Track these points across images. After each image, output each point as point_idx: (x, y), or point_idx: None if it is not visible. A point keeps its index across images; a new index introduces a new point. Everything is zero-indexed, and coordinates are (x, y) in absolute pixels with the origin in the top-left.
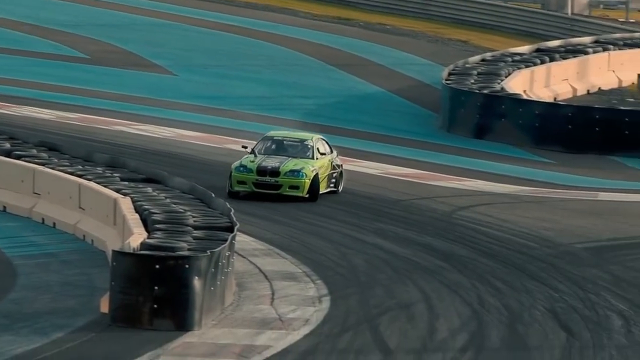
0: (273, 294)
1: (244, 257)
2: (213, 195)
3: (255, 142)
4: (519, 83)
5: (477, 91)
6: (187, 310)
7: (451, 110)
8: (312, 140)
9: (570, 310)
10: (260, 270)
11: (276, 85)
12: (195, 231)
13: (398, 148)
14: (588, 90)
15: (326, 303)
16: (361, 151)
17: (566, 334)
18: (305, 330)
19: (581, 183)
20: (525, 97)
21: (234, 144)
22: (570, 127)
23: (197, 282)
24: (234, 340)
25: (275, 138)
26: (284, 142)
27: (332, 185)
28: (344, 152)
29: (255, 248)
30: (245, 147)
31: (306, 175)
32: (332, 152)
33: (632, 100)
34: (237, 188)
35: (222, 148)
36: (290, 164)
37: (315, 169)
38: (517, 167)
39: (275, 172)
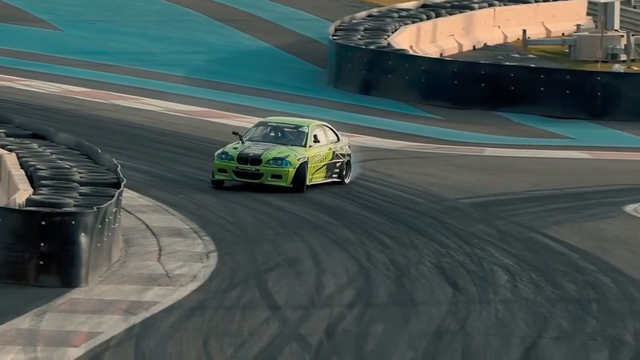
0: (160, 250)
1: (131, 214)
2: (99, 151)
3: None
4: (405, 39)
5: (364, 47)
6: (73, 266)
7: (338, 66)
8: (308, 126)
9: (456, 266)
10: (148, 227)
11: (163, 41)
12: (81, 187)
13: (285, 104)
14: (474, 46)
15: (214, 259)
16: (249, 107)
17: (452, 289)
18: (193, 286)
19: (467, 139)
20: (411, 52)
21: (120, 100)
22: (456, 82)
23: (83, 239)
24: (120, 297)
25: (269, 124)
26: (278, 128)
27: (334, 175)
28: (232, 108)
29: (143, 204)
30: (237, 134)
31: (290, 163)
32: (338, 139)
33: (517, 56)
34: (218, 177)
35: (109, 104)
36: (275, 151)
37: (303, 157)
38: (404, 123)
39: (256, 160)
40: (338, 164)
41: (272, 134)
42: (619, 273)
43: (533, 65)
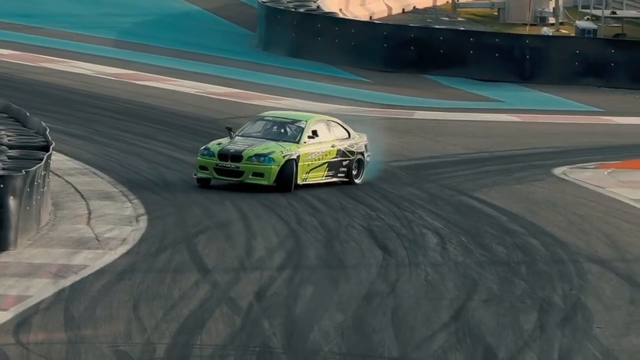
0: (90, 213)
1: (60, 177)
2: (28, 114)
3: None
4: (334, 2)
5: (293, 10)
6: (1, 230)
7: (267, 29)
8: (306, 121)
9: (386, 229)
10: (77, 190)
11: (92, 3)
12: (10, 150)
13: (216, 67)
14: (403, 9)
15: (143, 222)
16: (179, 70)
17: (382, 252)
18: (123, 249)
19: (397, 102)
20: (341, 15)
21: (49, 62)
22: (386, 45)
23: (12, 202)
24: (50, 260)
25: (265, 118)
26: (274, 122)
27: (340, 175)
28: (161, 71)
29: (72, 167)
30: (230, 129)
31: (274, 160)
32: (349, 136)
33: (446, 19)
34: (199, 174)
35: (38, 67)
36: (260, 147)
37: (290, 154)
38: (334, 86)
39: (237, 157)
40: (345, 163)
41: (267, 129)
42: (548, 236)
43: (462, 29)
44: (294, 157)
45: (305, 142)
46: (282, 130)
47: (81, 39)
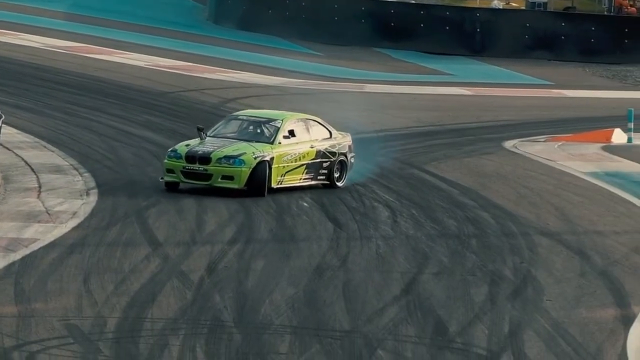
0: (40, 187)
1: (10, 150)
2: None
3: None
4: None
5: None
6: None
7: (218, 1)
8: (282, 120)
9: (337, 202)
10: (27, 163)
11: None
12: None
13: (166, 40)
14: None
15: (94, 196)
16: (129, 43)
17: (333, 225)
18: (73, 223)
19: (348, 75)
20: None
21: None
22: (336, 19)
23: None
24: (0, 234)
25: (239, 117)
26: (248, 122)
27: (321, 177)
28: (113, 44)
29: (22, 141)
30: (201, 129)
31: (245, 162)
32: (330, 136)
33: None
34: (166, 178)
35: None
36: (230, 148)
37: (263, 156)
38: (284, 59)
39: (205, 159)
40: (326, 164)
41: (242, 129)
42: (499, 209)
43: (413, 2)
44: (267, 158)
45: (280, 143)
46: (258, 130)
47: (31, 12)
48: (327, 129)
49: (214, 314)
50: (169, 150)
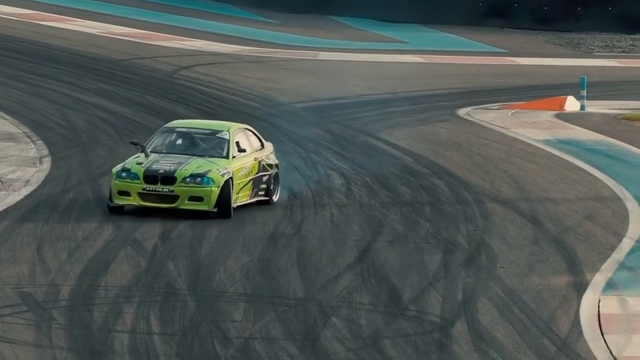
0: None
1: None
2: None
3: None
4: None
5: None
6: None
7: None
8: (228, 131)
9: (291, 170)
10: None
11: None
12: None
13: (119, 7)
14: None
15: (47, 164)
16: (82, 10)
17: (287, 193)
18: (26, 191)
19: (302, 43)
20: None
21: None
22: None
23: None
24: None
25: (177, 129)
26: (189, 135)
27: (261, 192)
28: (65, 11)
29: None
30: (136, 144)
31: (213, 181)
32: (262, 146)
33: None
34: (118, 201)
35: None
36: (192, 165)
37: (227, 172)
38: (238, 27)
39: (169, 178)
40: (265, 178)
41: (183, 143)
42: (452, 176)
43: None
44: (231, 175)
45: (234, 157)
46: (202, 144)
47: None
48: (258, 138)
49: (168, 282)
50: (118, 170)
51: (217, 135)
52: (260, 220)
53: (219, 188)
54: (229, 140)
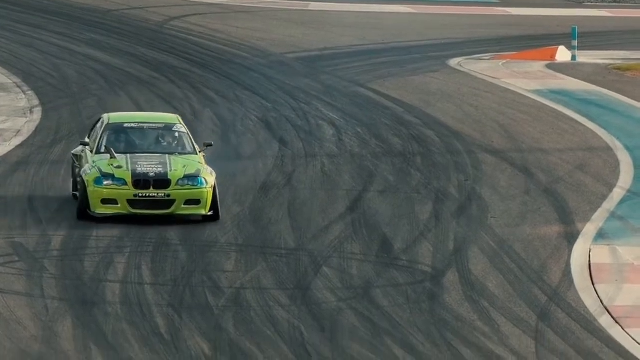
0: None
1: None
2: None
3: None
4: None
5: None
6: None
7: None
8: (181, 123)
9: (282, 120)
10: None
11: None
12: None
13: None
14: None
15: (38, 114)
16: None
17: (279, 144)
18: (17, 141)
19: None
20: None
21: None
22: None
23: None
24: None
25: (126, 125)
26: (144, 130)
27: None
28: None
29: None
30: (86, 144)
31: (206, 181)
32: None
33: None
34: (101, 210)
35: None
36: (178, 164)
37: (212, 170)
38: None
39: (163, 181)
40: None
41: (141, 140)
42: (443, 127)
43: None
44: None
45: (200, 152)
46: (162, 140)
47: None
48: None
49: (159, 233)
50: (99, 176)
51: (174, 129)
52: (251, 171)
53: (212, 189)
54: (187, 134)
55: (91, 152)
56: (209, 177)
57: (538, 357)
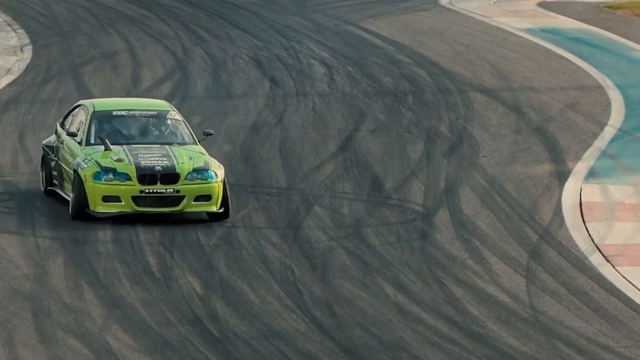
0: None
1: None
2: None
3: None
4: None
5: None
6: None
7: None
8: (172, 109)
9: (273, 59)
10: None
11: None
12: None
13: None
14: None
15: (28, 52)
16: None
17: (270, 82)
18: (7, 79)
19: None
20: None
21: None
22: None
23: None
24: None
25: (115, 113)
26: (135, 118)
27: None
28: None
29: None
30: (73, 134)
31: (216, 175)
32: None
33: None
34: (102, 209)
35: None
36: (183, 156)
37: (219, 164)
38: None
39: (171, 175)
40: None
41: (134, 129)
42: (434, 65)
43: None
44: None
45: (199, 142)
46: (157, 129)
47: None
48: None
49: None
50: (98, 171)
51: (168, 117)
52: (243, 110)
53: (222, 183)
54: (183, 121)
55: (79, 143)
56: (219, 170)
57: (529, 295)
